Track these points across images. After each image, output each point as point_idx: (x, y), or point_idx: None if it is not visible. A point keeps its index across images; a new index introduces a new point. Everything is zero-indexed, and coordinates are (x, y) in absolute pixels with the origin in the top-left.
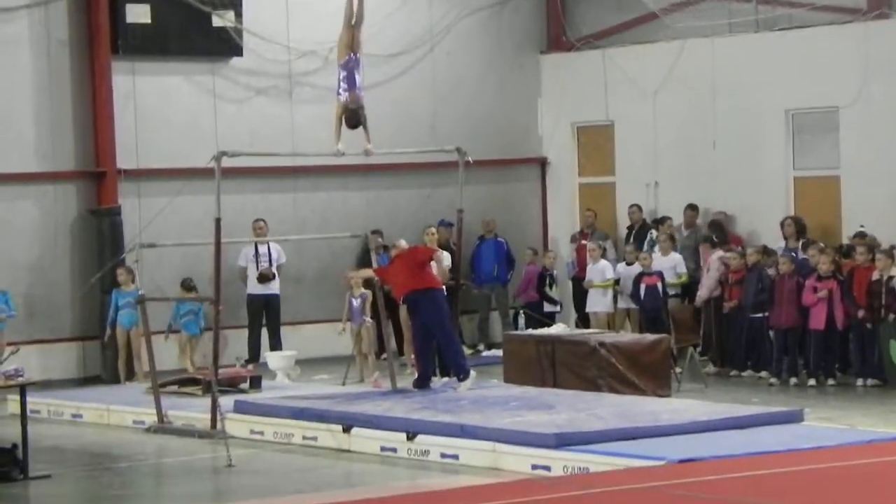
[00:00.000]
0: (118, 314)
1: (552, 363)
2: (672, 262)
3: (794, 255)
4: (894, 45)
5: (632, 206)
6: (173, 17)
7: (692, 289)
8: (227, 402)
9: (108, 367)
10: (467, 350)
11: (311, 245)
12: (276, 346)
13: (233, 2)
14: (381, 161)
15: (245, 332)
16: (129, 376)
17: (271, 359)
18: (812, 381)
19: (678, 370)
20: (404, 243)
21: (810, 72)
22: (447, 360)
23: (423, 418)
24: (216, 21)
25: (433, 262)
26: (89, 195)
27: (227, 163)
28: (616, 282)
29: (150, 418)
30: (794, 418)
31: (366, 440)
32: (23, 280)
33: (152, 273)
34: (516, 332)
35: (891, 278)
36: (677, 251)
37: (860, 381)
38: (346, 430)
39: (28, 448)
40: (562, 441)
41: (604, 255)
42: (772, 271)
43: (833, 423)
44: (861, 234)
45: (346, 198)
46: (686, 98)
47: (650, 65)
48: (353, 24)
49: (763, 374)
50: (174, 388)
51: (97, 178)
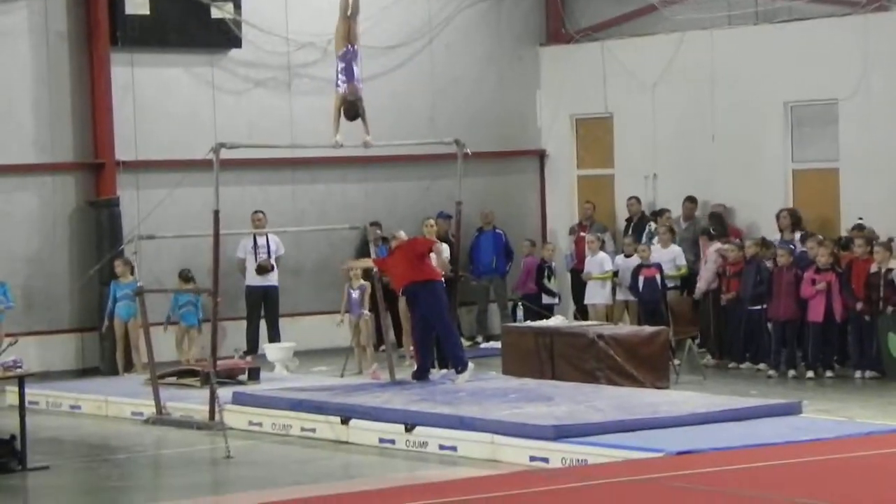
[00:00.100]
0: (116, 306)
1: (551, 355)
2: (671, 255)
3: (791, 247)
4: (894, 37)
5: (630, 199)
6: (172, 8)
7: (691, 281)
8: (225, 393)
9: (107, 359)
10: (466, 342)
11: (310, 237)
12: (274, 337)
13: None
14: (379, 153)
15: (243, 324)
16: (128, 368)
17: (270, 350)
18: (810, 374)
19: (677, 362)
20: (404, 235)
21: (809, 64)
22: (446, 351)
23: (421, 410)
24: (215, 13)
25: (432, 254)
26: (88, 186)
27: (225, 154)
28: (615, 274)
29: (149, 410)
30: (792, 410)
31: (364, 432)
32: (21, 271)
33: (151, 265)
34: (515, 324)
35: (889, 271)
36: (676, 243)
37: (858, 374)
38: (345, 421)
39: (26, 439)
40: (560, 433)
41: (602, 248)
42: (770, 263)
43: (831, 415)
44: (859, 227)
45: (344, 189)
46: (685, 90)
47: (649, 57)
48: (348, 15)
49: (761, 366)
50: (173, 379)
51: (96, 169)
